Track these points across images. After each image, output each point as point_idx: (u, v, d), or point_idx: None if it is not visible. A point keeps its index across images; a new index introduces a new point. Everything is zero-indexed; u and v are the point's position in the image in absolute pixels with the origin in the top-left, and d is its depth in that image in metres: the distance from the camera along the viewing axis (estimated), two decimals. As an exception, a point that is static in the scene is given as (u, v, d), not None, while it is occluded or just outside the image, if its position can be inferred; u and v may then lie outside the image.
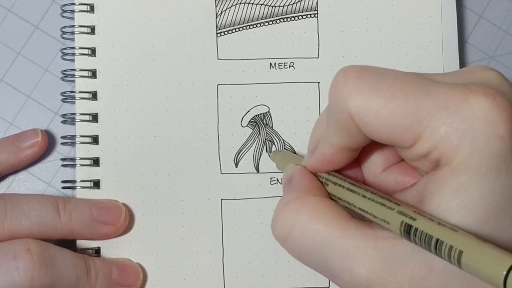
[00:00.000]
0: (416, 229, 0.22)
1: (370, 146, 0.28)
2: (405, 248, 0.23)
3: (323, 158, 0.28)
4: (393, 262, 0.23)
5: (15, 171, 0.37)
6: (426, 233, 0.22)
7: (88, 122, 0.37)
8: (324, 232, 0.25)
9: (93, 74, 0.37)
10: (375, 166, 0.29)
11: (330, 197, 0.28)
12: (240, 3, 0.38)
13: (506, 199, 0.22)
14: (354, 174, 0.29)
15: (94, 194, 0.36)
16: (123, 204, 0.36)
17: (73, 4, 0.38)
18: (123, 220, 0.36)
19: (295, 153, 0.38)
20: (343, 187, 0.27)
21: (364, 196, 0.25)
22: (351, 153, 0.27)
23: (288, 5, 0.38)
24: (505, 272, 0.19)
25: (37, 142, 0.36)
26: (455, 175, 0.22)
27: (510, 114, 0.22)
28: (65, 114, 0.37)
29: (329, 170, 0.28)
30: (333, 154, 0.27)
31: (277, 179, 0.37)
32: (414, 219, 0.22)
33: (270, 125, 0.38)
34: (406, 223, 0.23)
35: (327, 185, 0.28)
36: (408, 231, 0.22)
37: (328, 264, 0.25)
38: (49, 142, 0.37)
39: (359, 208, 0.26)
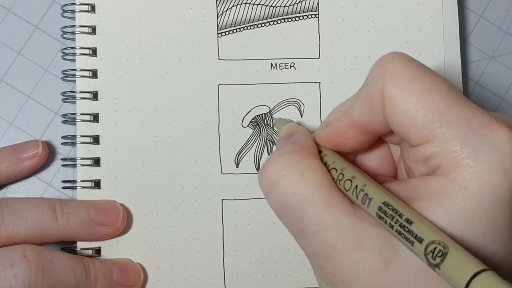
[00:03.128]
0: (400, 215, 0.23)
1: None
2: (377, 236, 0.24)
3: (336, 131, 0.28)
4: (361, 243, 0.24)
5: (13, 181, 0.37)
6: (408, 218, 0.23)
7: (88, 122, 0.37)
8: (311, 193, 0.26)
9: (94, 74, 0.37)
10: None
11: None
12: (241, 4, 0.38)
13: (490, 230, 0.23)
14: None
15: (94, 194, 0.36)
16: (122, 204, 0.36)
17: (73, 4, 0.37)
18: (120, 221, 0.35)
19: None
20: (341, 168, 0.27)
21: (354, 177, 0.26)
22: (362, 137, 0.28)
23: (289, 5, 0.38)
24: (468, 277, 0.20)
25: (37, 153, 0.36)
26: (450, 190, 0.23)
27: None
28: (66, 114, 0.37)
29: (334, 147, 0.29)
30: (347, 129, 0.27)
31: (278, 179, 0.37)
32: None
33: (271, 126, 0.38)
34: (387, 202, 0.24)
35: (325, 155, 0.29)
36: (385, 211, 0.24)
37: (302, 223, 0.26)
38: (49, 142, 0.37)
39: (348, 180, 0.26)
